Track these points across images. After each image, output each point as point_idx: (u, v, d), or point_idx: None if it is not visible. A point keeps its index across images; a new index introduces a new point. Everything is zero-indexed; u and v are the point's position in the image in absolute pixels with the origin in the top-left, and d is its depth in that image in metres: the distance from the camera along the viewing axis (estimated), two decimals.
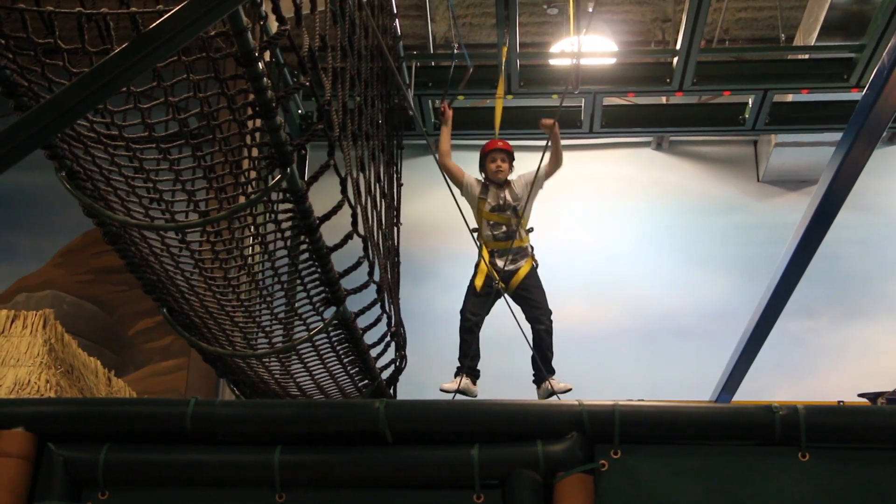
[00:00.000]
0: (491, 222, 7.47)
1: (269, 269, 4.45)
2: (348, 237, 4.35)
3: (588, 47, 9.98)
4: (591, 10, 10.27)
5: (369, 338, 5.31)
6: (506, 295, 7.19)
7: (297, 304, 4.68)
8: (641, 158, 12.38)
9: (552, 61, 10.19)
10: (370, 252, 4.74)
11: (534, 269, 7.48)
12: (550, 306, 7.48)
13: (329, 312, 4.71)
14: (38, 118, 2.56)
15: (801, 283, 6.05)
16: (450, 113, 7.84)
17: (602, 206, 12.04)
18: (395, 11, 7.35)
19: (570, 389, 7.25)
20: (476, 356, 7.39)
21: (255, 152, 3.75)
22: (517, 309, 7.26)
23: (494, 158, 7.66)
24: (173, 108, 3.47)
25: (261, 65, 3.22)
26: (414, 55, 8.81)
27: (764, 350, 7.06)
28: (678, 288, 11.52)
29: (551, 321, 7.39)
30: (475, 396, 7.29)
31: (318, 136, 4.02)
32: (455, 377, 7.35)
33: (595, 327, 11.36)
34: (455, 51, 9.56)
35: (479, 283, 7.40)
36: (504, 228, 7.47)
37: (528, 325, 7.37)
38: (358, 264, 4.62)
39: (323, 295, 4.58)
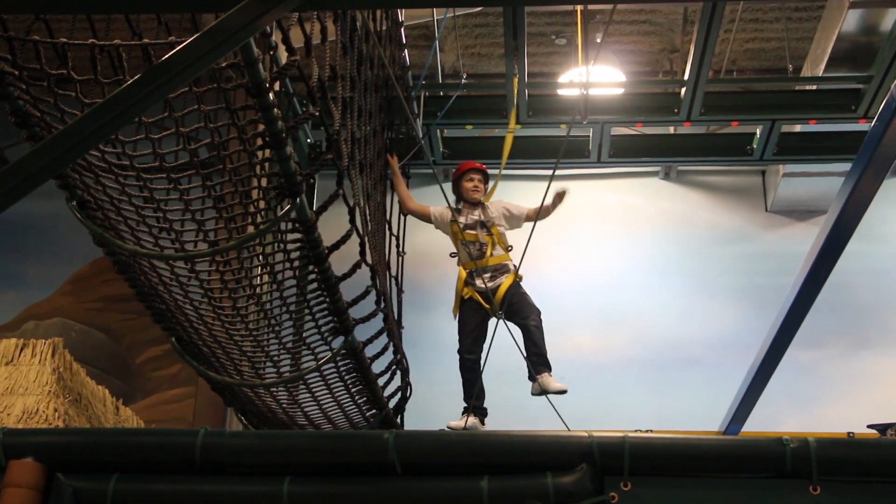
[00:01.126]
0: (464, 241, 7.41)
1: (277, 299, 4.45)
2: (356, 266, 4.35)
3: (596, 77, 10.02)
4: (599, 40, 10.33)
5: (377, 367, 5.30)
6: (501, 316, 6.98)
7: (305, 334, 4.68)
8: (649, 188, 12.37)
9: (560, 91, 10.22)
10: (378, 281, 4.74)
11: (516, 283, 7.28)
12: (559, 335, 7.40)
13: (337, 342, 4.71)
14: (52, 148, 2.57)
15: (811, 312, 6.04)
16: (394, 161, 7.65)
17: (610, 235, 12.04)
18: (404, 42, 7.39)
19: (564, 391, 7.01)
20: (481, 394, 7.30)
21: (264, 182, 3.76)
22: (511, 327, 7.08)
23: (472, 178, 7.68)
24: (184, 139, 3.49)
25: (271, 95, 3.24)
26: (422, 85, 8.83)
27: (773, 380, 7.03)
28: (687, 318, 11.49)
29: (540, 319, 7.22)
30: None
31: (327, 165, 4.04)
32: (462, 416, 7.21)
33: (603, 357, 11.33)
34: (463, 80, 9.63)
35: (455, 310, 7.40)
36: (478, 246, 7.40)
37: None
38: (366, 293, 4.62)
39: (331, 324, 4.58)
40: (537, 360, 7.09)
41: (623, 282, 11.70)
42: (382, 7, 5.49)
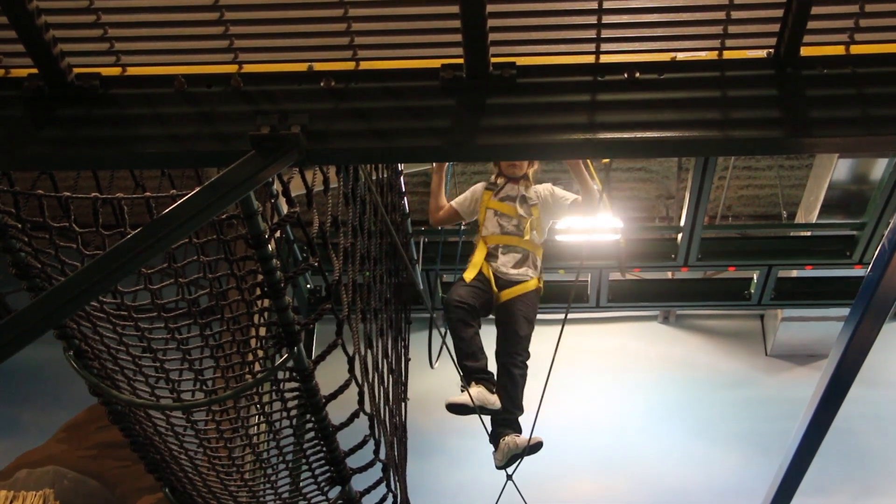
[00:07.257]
0: (498, 212, 6.41)
1: (274, 448, 4.41)
2: (354, 416, 4.32)
3: (594, 224, 10.14)
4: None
5: None
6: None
7: (301, 484, 4.61)
8: (649, 332, 12.37)
9: (559, 237, 10.32)
10: (376, 430, 4.69)
11: (536, 293, 6.28)
12: (560, 481, 7.06)
13: (334, 492, 4.64)
14: (52, 301, 2.59)
15: (815, 459, 5.95)
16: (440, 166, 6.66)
17: (610, 380, 11.96)
18: (404, 189, 7.51)
19: (540, 444, 5.92)
20: (480, 354, 5.94)
21: (262, 331, 3.77)
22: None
23: None
24: (183, 289, 3.51)
25: (271, 246, 3.28)
26: (422, 231, 8.92)
27: None
28: (689, 463, 11.31)
29: (527, 366, 6.01)
30: (496, 408, 5.88)
31: (326, 313, 4.05)
32: (462, 390, 5.86)
33: None
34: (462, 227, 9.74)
35: (469, 275, 6.21)
36: (514, 222, 6.39)
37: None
38: (364, 443, 4.57)
39: (328, 474, 4.52)
40: (506, 421, 5.96)
41: (623, 426, 11.57)
42: (382, 162, 5.61)
